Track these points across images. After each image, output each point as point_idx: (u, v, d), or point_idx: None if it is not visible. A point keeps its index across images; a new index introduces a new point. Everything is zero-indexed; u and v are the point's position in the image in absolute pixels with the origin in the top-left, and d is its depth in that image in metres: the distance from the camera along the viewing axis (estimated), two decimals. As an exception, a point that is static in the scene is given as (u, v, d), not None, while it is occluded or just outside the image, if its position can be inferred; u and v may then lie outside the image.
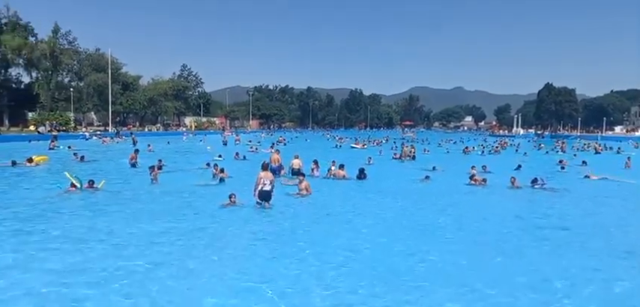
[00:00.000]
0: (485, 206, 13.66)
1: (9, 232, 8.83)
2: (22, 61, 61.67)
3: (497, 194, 15.84)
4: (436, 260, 7.69)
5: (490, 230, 10.10)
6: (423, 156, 33.28)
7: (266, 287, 6.21)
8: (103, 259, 7.26)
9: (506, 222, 11.04)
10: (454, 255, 8.00)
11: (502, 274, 7.08)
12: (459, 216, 11.65)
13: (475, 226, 10.53)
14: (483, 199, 14.88)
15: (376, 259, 7.70)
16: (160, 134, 66.68)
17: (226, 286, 6.28)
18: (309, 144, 50.79)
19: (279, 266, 7.20)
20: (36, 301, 5.58)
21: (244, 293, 6.01)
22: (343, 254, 7.90)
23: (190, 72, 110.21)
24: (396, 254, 8.02)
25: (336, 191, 15.61)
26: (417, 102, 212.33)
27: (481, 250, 8.47)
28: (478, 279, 6.72)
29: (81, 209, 11.43)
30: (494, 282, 6.61)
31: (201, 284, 6.33)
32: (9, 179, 16.80)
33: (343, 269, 7.08)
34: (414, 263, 7.54)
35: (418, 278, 6.80)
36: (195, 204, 12.48)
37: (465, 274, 7.02)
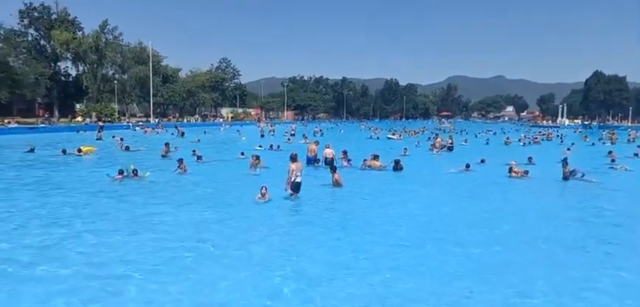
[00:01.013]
0: (525, 199, 13.11)
1: (59, 217, 9.33)
2: (70, 55, 64.80)
3: (539, 187, 15.19)
4: (477, 255, 7.44)
5: (531, 225, 9.68)
6: (461, 147, 32.41)
7: (300, 280, 6.22)
8: (143, 245, 7.53)
9: (549, 217, 10.55)
10: (496, 250, 7.72)
11: (545, 270, 6.77)
12: (497, 209, 11.26)
13: (515, 220, 10.12)
14: (523, 192, 14.28)
15: (416, 254, 7.54)
16: (198, 125, 68.44)
17: (262, 277, 6.34)
18: (343, 135, 50.63)
19: (314, 258, 7.19)
20: (82, 281, 5.85)
21: (278, 285, 6.04)
22: (379, 247, 7.79)
23: (228, 64, 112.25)
24: (434, 247, 7.83)
25: (371, 182, 15.45)
26: (455, 91, 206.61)
27: (525, 245, 8.12)
28: (522, 275, 6.45)
29: (127, 196, 11.89)
30: (535, 279, 6.32)
31: (236, 278, 6.41)
32: (60, 167, 17.77)
33: (380, 264, 6.97)
34: (456, 257, 7.33)
35: (460, 273, 6.60)
36: (233, 194, 12.68)
37: (509, 270, 6.75)
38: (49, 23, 63.05)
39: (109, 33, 69.72)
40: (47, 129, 43.24)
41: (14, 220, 9.09)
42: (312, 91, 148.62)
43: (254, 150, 22.78)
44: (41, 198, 11.39)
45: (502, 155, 25.40)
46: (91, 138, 32.81)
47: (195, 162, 19.62)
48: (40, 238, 7.84)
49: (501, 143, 38.49)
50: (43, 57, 63.05)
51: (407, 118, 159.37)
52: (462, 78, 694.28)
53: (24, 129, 41.11)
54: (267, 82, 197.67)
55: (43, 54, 63.76)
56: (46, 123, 50.48)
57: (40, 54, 62.97)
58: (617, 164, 21.14)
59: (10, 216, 9.46)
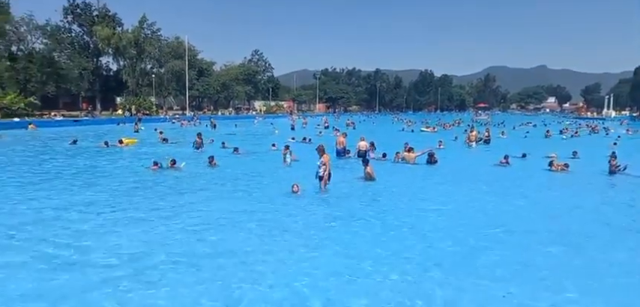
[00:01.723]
0: (567, 194, 12.42)
1: (101, 203, 9.64)
2: (111, 50, 67.21)
3: (580, 180, 14.42)
4: (515, 254, 7.08)
5: (575, 222, 9.14)
6: (499, 140, 31.29)
7: (331, 275, 6.10)
8: (177, 233, 7.63)
9: (592, 212, 9.94)
10: (537, 250, 7.32)
11: (588, 270, 6.34)
12: (534, 205, 10.72)
13: (557, 217, 9.59)
14: (565, 187, 13.55)
15: (451, 252, 7.27)
16: (232, 118, 69.52)
17: (296, 271, 6.27)
18: (375, 128, 50.03)
19: (346, 252, 7.06)
20: (118, 269, 5.98)
21: (306, 279, 5.95)
22: (413, 244, 7.56)
23: (260, 56, 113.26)
24: (470, 244, 7.52)
25: (404, 175, 15.13)
26: (493, 82, 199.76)
27: (568, 244, 7.66)
28: (566, 278, 6.07)
29: (163, 186, 12.16)
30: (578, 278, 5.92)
31: (267, 271, 6.37)
32: (103, 158, 18.46)
33: (415, 261, 6.76)
34: (493, 256, 7.01)
35: (500, 274, 6.29)
36: (266, 187, 12.71)
37: (551, 271, 6.38)
38: (91, 19, 65.55)
39: (147, 28, 71.80)
40: (90, 122, 45.18)
41: (55, 206, 9.47)
42: (344, 83, 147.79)
43: (286, 142, 22.83)
44: (83, 187, 11.83)
45: (542, 148, 24.30)
46: (131, 131, 33.96)
47: (232, 153, 20.02)
48: (81, 224, 8.11)
49: (541, 136, 36.88)
50: (86, 52, 65.70)
51: (441, 110, 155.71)
52: (501, 68, 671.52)
53: (69, 121, 43.10)
54: (300, 75, 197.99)
55: (86, 49, 66.42)
56: (89, 116, 52.75)
57: (83, 49, 65.64)
58: None
59: (51, 202, 9.86)
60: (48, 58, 53.71)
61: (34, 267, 6.15)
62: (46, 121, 41.18)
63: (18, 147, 22.06)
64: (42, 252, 6.74)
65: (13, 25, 54.91)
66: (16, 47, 56.13)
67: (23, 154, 19.61)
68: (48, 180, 13.06)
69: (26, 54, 54.52)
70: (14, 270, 6.03)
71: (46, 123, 39.49)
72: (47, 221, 8.47)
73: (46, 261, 6.38)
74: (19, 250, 6.85)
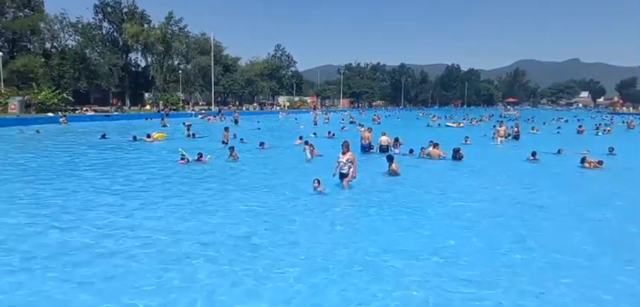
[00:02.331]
0: (601, 193, 11.88)
1: (129, 195, 9.84)
2: (140, 47, 68.82)
3: (614, 179, 13.80)
4: (548, 255, 6.79)
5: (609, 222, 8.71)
6: (529, 136, 30.37)
7: (359, 276, 6.01)
8: (206, 226, 7.70)
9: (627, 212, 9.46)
10: (570, 251, 7.01)
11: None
12: (567, 203, 10.29)
13: (590, 217, 9.17)
14: (597, 185, 12.98)
15: (483, 251, 7.04)
16: (256, 113, 70.08)
17: (318, 268, 6.21)
18: (400, 123, 49.44)
19: (374, 251, 6.94)
20: (145, 260, 6.06)
21: (331, 277, 5.87)
22: (439, 244, 7.37)
23: (284, 52, 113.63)
24: (501, 244, 7.27)
25: (429, 171, 14.85)
26: (523, 76, 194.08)
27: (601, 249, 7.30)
28: (598, 281, 5.78)
29: (189, 179, 12.33)
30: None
31: (286, 269, 6.33)
32: (131, 152, 18.91)
33: (442, 262, 6.58)
34: (527, 256, 6.75)
35: (536, 275, 6.04)
36: (289, 181, 12.69)
37: (586, 275, 6.09)
38: (120, 16, 67.26)
39: (174, 24, 73.14)
40: (120, 117, 46.42)
41: (83, 199, 9.72)
42: (368, 78, 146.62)
43: (308, 138, 22.79)
44: (113, 179, 12.11)
45: (575, 145, 23.41)
46: (158, 125, 34.71)
47: (257, 148, 20.20)
48: (109, 216, 8.29)
49: (573, 132, 35.60)
50: (115, 48, 67.54)
51: (468, 105, 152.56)
52: (532, 62, 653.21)
53: (100, 116, 44.42)
54: (324, 70, 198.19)
55: (116, 46, 68.26)
56: (119, 111, 54.21)
57: (113, 46, 67.51)
58: None
59: (80, 194, 10.13)
60: (80, 55, 55.46)
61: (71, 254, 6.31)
62: (79, 116, 42.56)
63: (56, 140, 22.89)
64: (74, 240, 6.92)
65: (47, 23, 56.98)
66: (49, 44, 58.20)
67: (59, 147, 20.31)
68: (77, 171, 13.44)
69: (59, 51, 56.49)
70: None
71: (79, 118, 40.81)
72: (73, 211, 8.69)
73: (76, 249, 6.54)
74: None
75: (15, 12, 54.59)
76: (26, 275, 5.72)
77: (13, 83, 47.21)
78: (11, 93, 41.54)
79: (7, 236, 7.18)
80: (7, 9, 53.71)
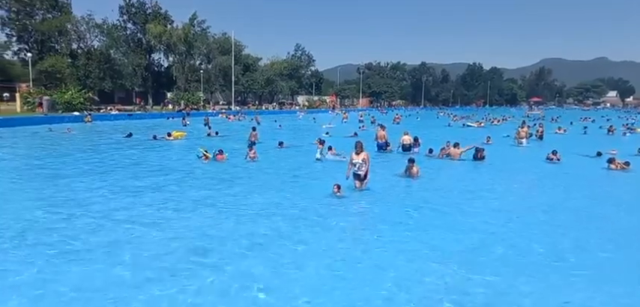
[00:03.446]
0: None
1: (148, 191, 10.01)
2: (162, 47, 70.11)
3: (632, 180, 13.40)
4: (575, 256, 6.58)
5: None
6: (554, 137, 29.53)
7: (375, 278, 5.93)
8: (224, 225, 7.75)
9: None
10: (593, 253, 6.77)
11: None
12: (594, 206, 9.96)
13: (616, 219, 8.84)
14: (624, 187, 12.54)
15: (501, 253, 6.88)
16: (276, 112, 70.44)
17: (327, 274, 6.16)
18: (420, 123, 48.86)
19: (390, 253, 6.86)
20: (162, 256, 6.14)
21: (345, 282, 5.81)
22: (464, 245, 7.23)
23: (304, 51, 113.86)
24: (525, 245, 7.07)
25: (450, 172, 14.61)
26: (549, 75, 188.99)
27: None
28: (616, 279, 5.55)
29: (207, 178, 12.46)
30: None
31: (297, 273, 6.30)
32: (151, 150, 19.27)
33: (470, 264, 6.44)
34: (555, 259, 6.55)
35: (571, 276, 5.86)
36: (306, 183, 12.65)
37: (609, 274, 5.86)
38: (144, 17, 68.65)
39: (197, 25, 74.22)
40: (143, 116, 47.41)
41: (105, 195, 9.94)
42: (388, 77, 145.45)
43: (320, 137, 22.64)
44: (134, 177, 12.35)
45: (603, 145, 22.63)
46: (180, 124, 35.29)
47: (277, 147, 20.29)
48: (129, 211, 8.45)
49: (601, 132, 34.48)
50: (139, 49, 69.00)
51: (490, 105, 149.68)
52: (558, 60, 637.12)
53: (123, 115, 45.46)
54: (344, 69, 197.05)
55: (139, 46, 69.73)
56: (142, 110, 55.39)
57: (137, 46, 68.99)
58: None
59: (100, 191, 10.36)
60: (105, 55, 56.93)
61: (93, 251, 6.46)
62: (104, 115, 43.68)
63: (84, 138, 23.54)
64: (102, 237, 7.07)
65: (74, 25, 58.60)
66: (76, 45, 59.82)
67: (86, 145, 20.88)
68: (103, 168, 13.76)
69: (85, 51, 58.03)
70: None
71: (104, 117, 41.88)
72: (95, 203, 8.89)
73: (101, 247, 6.68)
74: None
75: (44, 14, 56.38)
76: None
77: (41, 83, 48.80)
78: (39, 93, 42.96)
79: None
80: (36, 11, 55.53)
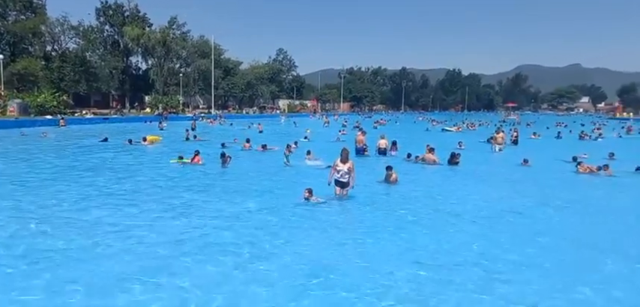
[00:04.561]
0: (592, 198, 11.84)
1: (118, 199, 9.81)
2: (140, 50, 69.01)
3: (607, 184, 13.87)
4: (534, 259, 6.76)
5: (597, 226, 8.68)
6: (529, 142, 30.23)
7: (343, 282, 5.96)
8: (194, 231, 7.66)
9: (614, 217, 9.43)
10: (550, 253, 6.98)
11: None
12: (557, 208, 10.27)
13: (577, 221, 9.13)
14: (589, 189, 12.98)
15: (475, 259, 7.01)
16: (257, 117, 70.03)
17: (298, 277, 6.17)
18: (399, 127, 49.38)
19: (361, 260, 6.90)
20: (128, 260, 6.03)
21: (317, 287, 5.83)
22: (435, 251, 7.34)
23: (285, 55, 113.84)
24: (490, 250, 7.23)
25: (424, 177, 14.81)
26: (524, 81, 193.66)
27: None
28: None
29: (177, 184, 12.30)
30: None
31: (267, 277, 6.29)
32: (125, 155, 18.90)
33: (442, 271, 6.54)
34: (512, 262, 6.71)
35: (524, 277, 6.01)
36: (274, 188, 12.58)
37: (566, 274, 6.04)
38: (121, 20, 67.50)
39: (177, 28, 73.37)
40: (119, 120, 46.50)
41: (74, 200, 9.69)
42: (369, 82, 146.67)
43: (299, 141, 22.65)
44: (103, 182, 12.08)
45: (574, 150, 23.31)
46: (157, 128, 34.77)
47: (258, 150, 20.58)
48: (98, 215, 8.27)
49: (575, 137, 35.53)
50: (116, 51, 67.76)
51: (469, 110, 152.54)
52: (533, 67, 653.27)
53: (99, 119, 44.50)
54: (325, 74, 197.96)
55: (117, 49, 68.49)
56: (118, 114, 54.32)
57: (114, 49, 67.73)
58: None
59: (70, 196, 10.11)
60: (80, 58, 55.66)
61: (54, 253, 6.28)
62: (78, 119, 42.65)
63: (58, 143, 22.91)
64: (62, 241, 6.89)
65: (48, 27, 57.15)
66: (50, 47, 58.34)
67: (59, 150, 20.32)
68: (72, 174, 13.42)
69: (60, 54, 56.66)
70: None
71: (78, 121, 40.88)
72: (65, 211, 8.67)
73: (59, 253, 6.51)
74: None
75: (17, 15, 54.84)
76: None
77: (13, 86, 47.34)
78: (11, 96, 41.66)
79: None
80: (9, 12, 53.96)
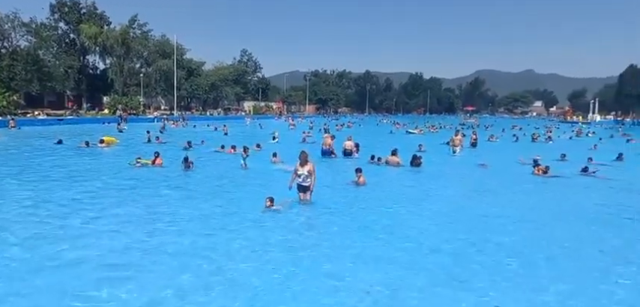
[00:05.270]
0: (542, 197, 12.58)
1: (72, 205, 9.46)
2: (98, 48, 66.35)
3: (558, 185, 14.70)
4: (488, 254, 7.13)
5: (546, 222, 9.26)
6: (487, 144, 31.45)
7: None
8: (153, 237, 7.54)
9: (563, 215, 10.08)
10: (505, 249, 7.39)
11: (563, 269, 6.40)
12: (508, 205, 10.84)
13: (528, 218, 9.70)
14: (543, 190, 13.75)
15: (428, 254, 7.29)
16: (221, 118, 69.00)
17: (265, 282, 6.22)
18: (363, 130, 50.12)
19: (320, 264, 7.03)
20: (87, 266, 5.87)
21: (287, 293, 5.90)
22: (394, 248, 7.58)
23: (250, 57, 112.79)
24: (446, 246, 7.55)
25: (388, 178, 15.18)
26: (482, 85, 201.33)
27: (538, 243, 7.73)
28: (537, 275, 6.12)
29: (133, 188, 12.00)
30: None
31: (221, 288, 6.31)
32: (83, 158, 18.18)
33: (394, 266, 6.76)
34: (468, 257, 7.04)
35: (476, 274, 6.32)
36: (235, 192, 12.55)
37: (522, 270, 6.43)
38: (78, 17, 64.71)
39: (137, 28, 71.03)
40: (75, 121, 44.54)
41: (22, 206, 9.28)
42: (334, 85, 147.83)
43: (267, 143, 22.60)
44: (57, 187, 11.61)
45: (528, 152, 24.56)
46: (115, 130, 33.61)
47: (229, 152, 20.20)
48: (55, 224, 7.96)
49: (528, 139, 37.35)
50: (72, 50, 64.84)
51: (431, 113, 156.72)
52: (491, 72, 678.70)
53: (53, 120, 42.46)
54: (291, 76, 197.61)
55: (73, 47, 65.56)
56: (74, 115, 52.00)
57: (69, 47, 64.76)
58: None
59: (17, 203, 9.67)
60: (32, 56, 52.83)
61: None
62: (30, 120, 40.53)
63: (6, 146, 21.70)
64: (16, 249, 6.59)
65: (-4, 23, 53.86)
66: (0, 44, 55.06)
67: (8, 153, 19.26)
68: (15, 179, 12.80)
69: (10, 52, 53.57)
70: None
71: (30, 122, 38.86)
72: (17, 219, 8.29)
73: (17, 260, 6.24)
74: None
75: (-38, 11, 51.39)
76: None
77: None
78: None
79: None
80: (-48, 6, 50.52)
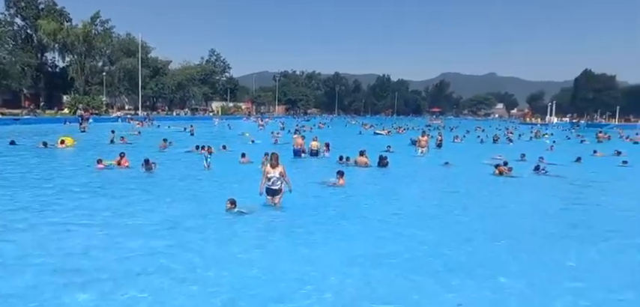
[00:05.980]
0: (506, 196, 13.20)
1: (33, 208, 9.13)
2: (57, 46, 63.67)
3: (516, 184, 15.43)
4: (451, 251, 7.44)
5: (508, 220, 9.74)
6: (452, 145, 32.25)
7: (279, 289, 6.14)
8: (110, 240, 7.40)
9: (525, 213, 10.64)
10: (468, 245, 7.73)
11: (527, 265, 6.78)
12: (473, 204, 11.34)
13: (491, 215, 10.16)
14: (504, 189, 14.42)
15: (397, 251, 7.52)
16: (188, 118, 67.70)
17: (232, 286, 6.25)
18: (332, 130, 50.49)
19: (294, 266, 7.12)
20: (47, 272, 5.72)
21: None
22: (362, 246, 7.76)
23: (218, 57, 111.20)
24: (411, 243, 7.82)
25: (356, 178, 15.43)
26: (447, 88, 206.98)
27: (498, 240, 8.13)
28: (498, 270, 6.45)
29: (93, 190, 11.69)
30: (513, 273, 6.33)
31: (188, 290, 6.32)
32: (40, 159, 17.47)
33: (367, 264, 6.93)
34: (429, 253, 7.31)
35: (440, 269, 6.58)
36: (201, 195, 12.38)
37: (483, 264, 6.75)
38: (36, 12, 61.93)
39: (100, 24, 68.62)
40: (32, 121, 42.58)
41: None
42: (304, 86, 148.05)
43: (238, 143, 22.53)
44: (14, 190, 11.14)
45: (490, 152, 25.53)
46: (77, 130, 32.41)
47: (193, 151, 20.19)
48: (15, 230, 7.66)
49: (490, 141, 38.67)
50: (29, 47, 61.95)
51: (398, 114, 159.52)
52: (455, 75, 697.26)
53: (8, 120, 40.43)
54: (260, 76, 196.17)
55: (30, 44, 62.65)
56: (31, 114, 49.66)
57: (26, 44, 61.85)
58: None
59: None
60: (-14, 52, 50.18)
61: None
62: (-18, 119, 38.44)
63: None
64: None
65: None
66: (-51, 40, 52.03)
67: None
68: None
69: (-39, 47, 50.71)
70: None
71: (-18, 122, 36.85)
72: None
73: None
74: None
75: None
76: None
77: None
78: None
79: None
80: None
